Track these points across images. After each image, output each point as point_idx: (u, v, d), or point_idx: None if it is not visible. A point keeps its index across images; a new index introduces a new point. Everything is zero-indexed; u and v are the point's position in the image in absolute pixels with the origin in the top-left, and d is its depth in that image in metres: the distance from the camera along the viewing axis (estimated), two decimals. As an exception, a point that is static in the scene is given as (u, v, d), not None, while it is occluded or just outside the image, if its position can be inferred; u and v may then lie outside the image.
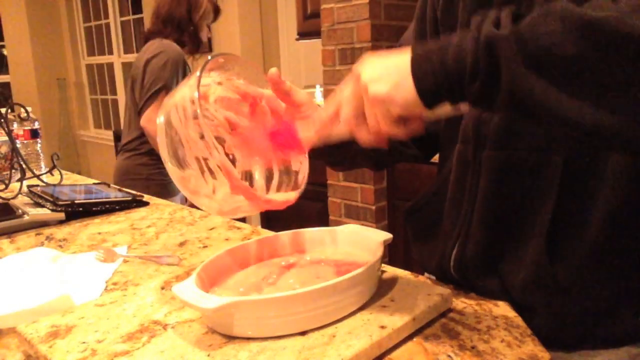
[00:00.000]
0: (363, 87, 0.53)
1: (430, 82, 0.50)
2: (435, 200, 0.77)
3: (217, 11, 2.12)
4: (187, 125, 0.57)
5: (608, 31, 0.42)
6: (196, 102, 0.56)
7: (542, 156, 0.62)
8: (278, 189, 0.68)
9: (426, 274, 0.80)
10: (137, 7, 4.74)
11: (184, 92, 0.59)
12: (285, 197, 0.65)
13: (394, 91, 0.51)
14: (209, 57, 0.61)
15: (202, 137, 0.56)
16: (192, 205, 0.70)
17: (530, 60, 0.45)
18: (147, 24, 2.33)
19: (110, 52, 5.27)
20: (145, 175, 2.01)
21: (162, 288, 0.70)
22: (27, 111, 1.51)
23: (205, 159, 0.57)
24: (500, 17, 0.48)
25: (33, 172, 1.32)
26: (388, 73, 0.52)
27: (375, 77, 0.52)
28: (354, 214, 2.58)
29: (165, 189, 1.99)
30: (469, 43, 0.48)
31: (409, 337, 0.58)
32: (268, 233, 0.93)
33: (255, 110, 0.68)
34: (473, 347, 0.56)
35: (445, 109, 0.53)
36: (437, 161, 0.81)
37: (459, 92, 0.50)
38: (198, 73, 0.57)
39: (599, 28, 0.43)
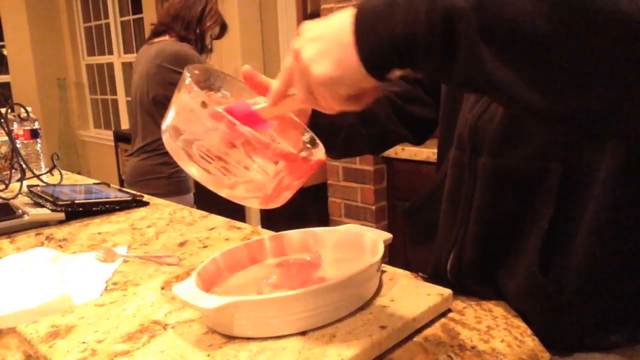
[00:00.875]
0: (304, 68, 0.47)
1: (377, 57, 0.44)
2: (431, 203, 0.77)
3: (224, 28, 2.15)
4: (200, 119, 0.54)
5: (590, 9, 0.37)
6: (198, 93, 0.53)
7: (540, 165, 0.62)
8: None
9: (420, 273, 0.80)
10: (137, 7, 4.74)
11: (181, 99, 0.57)
12: (318, 157, 0.61)
13: (338, 70, 0.45)
14: (186, 71, 0.57)
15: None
16: (201, 206, 0.68)
17: (489, 34, 0.40)
18: (147, 21, 2.31)
19: (110, 52, 5.27)
20: (167, 173, 2.07)
21: (162, 288, 0.70)
22: (27, 111, 1.51)
23: (225, 156, 0.54)
24: None
25: (33, 172, 1.32)
26: (328, 48, 0.45)
27: (314, 55, 0.46)
28: (354, 214, 2.58)
29: (185, 186, 2.11)
30: (421, 12, 0.41)
31: (409, 337, 0.58)
32: (268, 233, 0.93)
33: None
34: (473, 347, 0.56)
35: (396, 74, 0.47)
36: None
37: (410, 64, 0.44)
38: (187, 80, 0.55)
39: (578, 3, 0.37)
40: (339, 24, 0.45)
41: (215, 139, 0.54)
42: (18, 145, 1.43)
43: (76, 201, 1.17)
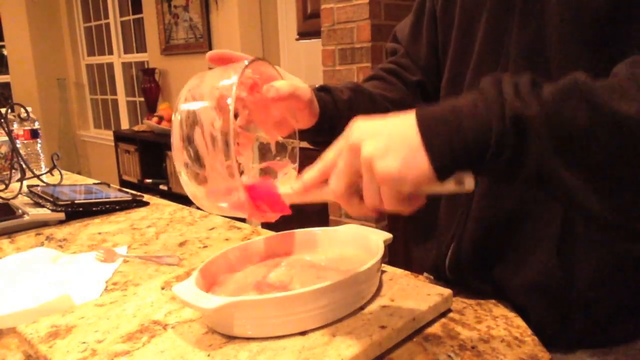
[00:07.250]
0: (366, 162, 0.46)
1: (447, 158, 0.45)
2: (433, 199, 0.77)
3: None
4: (215, 157, 0.54)
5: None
6: (231, 144, 0.52)
7: None
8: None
9: (425, 274, 0.80)
10: (137, 7, 4.74)
11: (208, 111, 0.55)
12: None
13: (404, 169, 0.45)
14: (246, 62, 0.57)
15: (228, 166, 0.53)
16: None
17: (560, 147, 0.43)
18: (147, 21, 2.26)
19: (110, 52, 5.27)
20: None
21: (162, 288, 0.70)
22: (27, 111, 1.51)
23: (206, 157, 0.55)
24: (519, 85, 0.44)
25: (33, 172, 1.32)
26: (394, 146, 0.45)
27: (380, 151, 0.45)
28: (354, 214, 2.58)
29: None
30: (492, 116, 0.44)
31: (409, 337, 0.58)
32: (268, 233, 0.93)
33: (254, 89, 0.66)
34: (473, 347, 0.56)
35: (450, 186, 0.48)
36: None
37: (478, 166, 0.46)
38: (229, 100, 0.53)
39: (632, 130, 0.42)
40: (401, 126, 0.46)
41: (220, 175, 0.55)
42: (18, 145, 1.43)
43: (76, 201, 1.17)
